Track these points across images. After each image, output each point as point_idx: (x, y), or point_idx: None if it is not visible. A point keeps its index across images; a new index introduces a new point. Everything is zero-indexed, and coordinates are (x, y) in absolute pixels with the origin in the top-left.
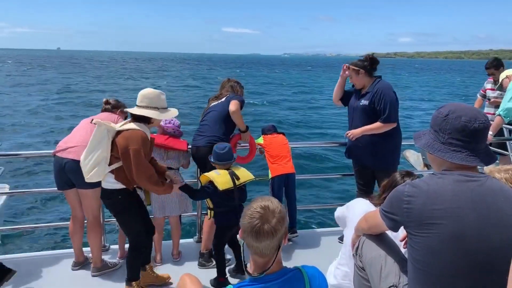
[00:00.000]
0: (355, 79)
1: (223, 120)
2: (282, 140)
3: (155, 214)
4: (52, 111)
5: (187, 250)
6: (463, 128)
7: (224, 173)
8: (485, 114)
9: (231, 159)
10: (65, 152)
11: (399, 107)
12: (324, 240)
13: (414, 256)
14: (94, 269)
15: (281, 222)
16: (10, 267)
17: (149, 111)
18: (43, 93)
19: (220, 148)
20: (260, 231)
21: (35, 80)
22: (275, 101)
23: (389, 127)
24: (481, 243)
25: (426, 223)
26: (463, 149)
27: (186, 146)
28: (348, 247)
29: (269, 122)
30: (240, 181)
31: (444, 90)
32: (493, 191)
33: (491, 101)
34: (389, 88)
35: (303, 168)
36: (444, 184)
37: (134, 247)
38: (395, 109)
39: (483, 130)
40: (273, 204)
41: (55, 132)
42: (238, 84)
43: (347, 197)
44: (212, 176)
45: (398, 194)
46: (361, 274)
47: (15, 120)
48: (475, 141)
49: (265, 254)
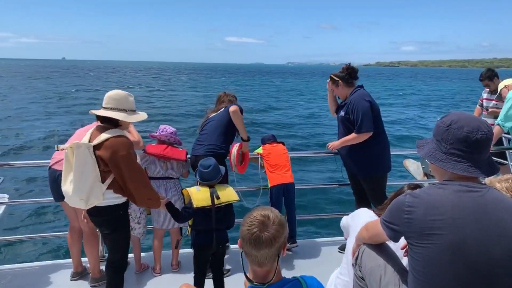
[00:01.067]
0: (336, 90)
1: (222, 129)
2: (281, 149)
3: (156, 225)
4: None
5: (186, 260)
6: (465, 139)
7: (205, 190)
8: (488, 124)
9: (214, 178)
10: (57, 164)
11: (382, 113)
12: (324, 250)
13: (415, 266)
14: (92, 279)
15: (280, 231)
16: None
17: (115, 113)
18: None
19: (204, 166)
20: (259, 239)
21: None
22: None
23: (365, 136)
24: (482, 254)
25: (427, 234)
26: (465, 160)
27: (185, 155)
28: (349, 257)
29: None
30: (220, 200)
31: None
32: (494, 202)
33: (489, 112)
34: (361, 98)
35: (304, 176)
36: (445, 195)
37: (120, 267)
38: (368, 118)
39: (485, 141)
40: (273, 214)
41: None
42: (235, 98)
43: (346, 206)
44: (191, 191)
45: (399, 204)
46: (361, 284)
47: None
48: (477, 151)
49: (264, 263)
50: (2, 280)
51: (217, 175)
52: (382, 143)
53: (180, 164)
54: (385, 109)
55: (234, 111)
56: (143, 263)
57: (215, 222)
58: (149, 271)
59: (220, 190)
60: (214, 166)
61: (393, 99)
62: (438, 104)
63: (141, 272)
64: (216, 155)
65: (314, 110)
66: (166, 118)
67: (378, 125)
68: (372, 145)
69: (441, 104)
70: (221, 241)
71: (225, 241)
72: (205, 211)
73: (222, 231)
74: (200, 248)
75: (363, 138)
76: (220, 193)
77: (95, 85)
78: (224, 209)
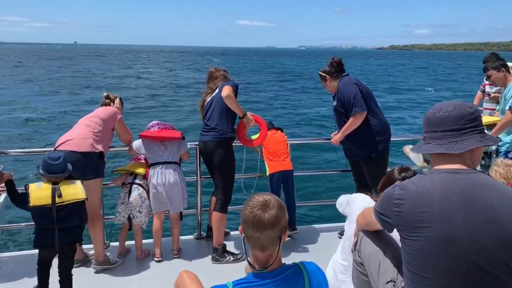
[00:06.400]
0: (326, 86)
1: (226, 111)
2: (280, 136)
3: (156, 209)
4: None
5: (187, 247)
6: (427, 121)
7: (46, 187)
8: (461, 104)
9: (61, 172)
10: (63, 145)
11: (374, 95)
12: (324, 236)
13: (408, 259)
14: (96, 262)
15: (282, 212)
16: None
17: None
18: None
19: (53, 158)
20: (261, 220)
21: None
22: None
23: (361, 117)
24: (472, 243)
25: (416, 227)
26: (431, 140)
27: (181, 134)
28: (348, 241)
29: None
30: (62, 199)
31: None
32: (482, 187)
33: (491, 97)
34: (347, 83)
35: (302, 162)
36: (432, 185)
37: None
38: (358, 99)
39: (447, 118)
40: (272, 197)
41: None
42: (227, 72)
43: (347, 192)
44: (31, 188)
45: (388, 197)
46: (360, 270)
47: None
48: (441, 129)
49: (266, 246)
50: (3, 267)
51: (65, 170)
52: (377, 124)
53: (177, 143)
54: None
55: (226, 96)
56: (144, 250)
57: (57, 222)
58: (150, 257)
59: (64, 188)
60: (63, 159)
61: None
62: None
63: (142, 259)
64: (225, 140)
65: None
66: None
67: (370, 106)
68: (366, 127)
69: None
70: (66, 241)
71: (72, 241)
72: (44, 209)
73: (68, 230)
74: (41, 248)
75: (360, 120)
76: (64, 191)
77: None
78: (69, 208)
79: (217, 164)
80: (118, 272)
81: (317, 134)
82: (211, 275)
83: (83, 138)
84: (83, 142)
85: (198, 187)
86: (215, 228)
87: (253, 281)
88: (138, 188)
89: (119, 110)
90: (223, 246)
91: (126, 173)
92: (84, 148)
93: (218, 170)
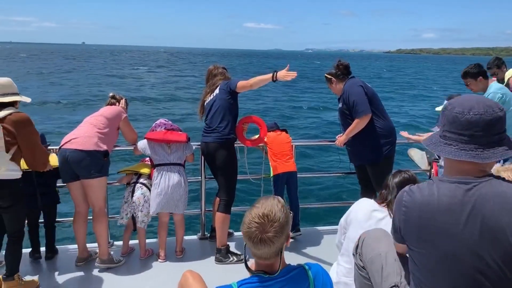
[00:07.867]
0: (332, 88)
1: (227, 112)
2: (285, 138)
3: (158, 210)
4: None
5: (191, 247)
6: (453, 120)
7: None
8: (492, 105)
9: None
10: (68, 144)
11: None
12: (328, 238)
13: (414, 272)
14: (100, 260)
15: (279, 233)
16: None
17: (17, 97)
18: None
19: None
20: (258, 240)
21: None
22: None
23: (365, 120)
24: (476, 262)
25: (422, 239)
26: (455, 142)
27: (186, 137)
28: (351, 244)
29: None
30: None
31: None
32: (492, 198)
33: None
34: (353, 85)
35: (308, 163)
36: (439, 196)
37: (21, 237)
38: (363, 101)
39: (478, 121)
40: (273, 212)
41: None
42: (226, 70)
43: (351, 194)
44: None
45: (398, 200)
46: (362, 274)
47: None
48: (469, 133)
49: (266, 258)
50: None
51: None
52: (383, 127)
53: (183, 146)
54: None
55: (242, 87)
56: (147, 249)
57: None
58: (153, 257)
59: None
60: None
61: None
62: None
63: (145, 258)
64: (227, 141)
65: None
66: None
67: (375, 109)
68: (371, 130)
69: None
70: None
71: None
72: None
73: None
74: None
75: (364, 122)
76: None
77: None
78: None
79: (220, 165)
80: (122, 271)
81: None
82: (214, 275)
83: (88, 137)
84: (88, 140)
85: (202, 187)
86: (219, 228)
87: (258, 282)
88: (142, 188)
89: (124, 110)
90: (226, 247)
91: (131, 173)
92: (89, 147)
93: (221, 171)
